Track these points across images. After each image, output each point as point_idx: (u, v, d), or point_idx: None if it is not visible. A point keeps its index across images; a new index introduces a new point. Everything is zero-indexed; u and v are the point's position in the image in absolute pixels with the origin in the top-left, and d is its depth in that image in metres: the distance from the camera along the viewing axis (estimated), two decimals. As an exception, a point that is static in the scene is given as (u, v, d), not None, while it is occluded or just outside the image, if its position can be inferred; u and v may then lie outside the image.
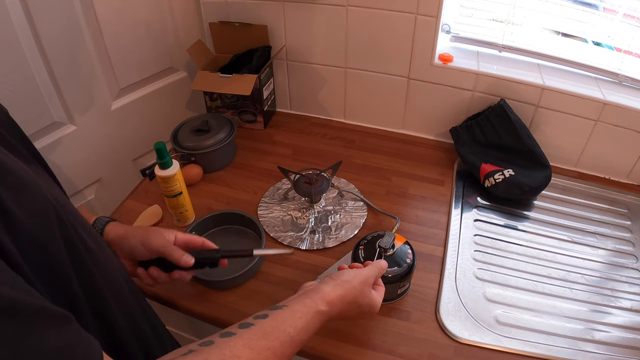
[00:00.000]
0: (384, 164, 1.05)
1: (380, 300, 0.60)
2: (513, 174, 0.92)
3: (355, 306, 0.57)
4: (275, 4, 1.04)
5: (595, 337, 0.72)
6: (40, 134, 0.92)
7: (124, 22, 0.98)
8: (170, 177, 0.81)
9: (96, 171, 1.08)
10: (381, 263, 0.64)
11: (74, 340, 0.32)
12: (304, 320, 0.50)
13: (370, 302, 0.58)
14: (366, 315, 0.59)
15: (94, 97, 1.00)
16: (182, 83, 1.18)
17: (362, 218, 0.90)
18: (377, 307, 0.59)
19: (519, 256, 0.85)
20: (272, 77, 1.16)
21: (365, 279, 0.59)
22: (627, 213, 0.95)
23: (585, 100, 0.92)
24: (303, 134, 1.15)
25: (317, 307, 0.52)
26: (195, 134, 1.01)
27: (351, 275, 0.58)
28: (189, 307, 0.76)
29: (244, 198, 0.96)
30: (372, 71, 1.08)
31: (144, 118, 1.13)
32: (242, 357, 0.42)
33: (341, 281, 0.56)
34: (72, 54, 0.91)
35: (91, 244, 0.44)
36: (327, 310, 0.53)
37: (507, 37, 1.01)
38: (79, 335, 0.33)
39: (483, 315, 0.74)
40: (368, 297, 0.58)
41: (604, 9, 0.96)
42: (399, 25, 0.98)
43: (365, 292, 0.58)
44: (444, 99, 1.05)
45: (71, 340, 0.32)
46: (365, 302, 0.58)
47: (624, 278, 0.82)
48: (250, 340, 0.44)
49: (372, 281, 0.60)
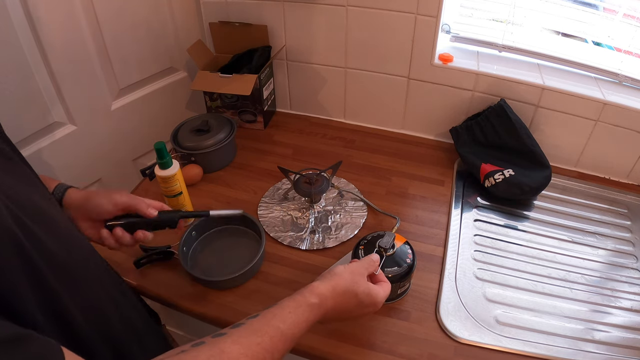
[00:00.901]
0: (384, 164, 1.05)
1: (384, 295, 0.60)
2: (513, 174, 0.92)
3: (351, 296, 0.56)
4: (275, 4, 1.04)
5: (595, 337, 0.72)
6: (40, 134, 0.92)
7: (124, 22, 0.98)
8: (170, 177, 0.81)
9: (96, 171, 1.08)
10: (371, 256, 0.64)
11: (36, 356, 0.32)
12: (294, 315, 0.50)
13: (367, 292, 0.57)
14: (368, 307, 0.58)
15: (94, 97, 1.00)
16: (182, 83, 1.18)
17: (362, 218, 0.90)
18: (378, 299, 0.58)
19: (519, 256, 0.85)
20: (272, 77, 1.16)
21: (354, 269, 0.59)
22: (627, 213, 0.95)
23: (585, 100, 0.92)
24: (303, 134, 1.15)
25: (307, 300, 0.52)
26: (195, 134, 1.01)
27: (340, 268, 0.59)
28: (189, 307, 0.76)
29: (244, 198, 0.96)
30: (372, 71, 1.08)
31: (144, 118, 1.13)
32: (232, 352, 0.42)
33: (330, 274, 0.57)
34: (72, 54, 0.91)
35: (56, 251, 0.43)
36: (318, 303, 0.52)
37: (507, 37, 1.01)
38: (39, 348, 0.33)
39: (483, 315, 0.74)
40: (363, 286, 0.57)
41: (604, 9, 0.96)
42: (399, 25, 0.98)
43: (358, 281, 0.57)
44: (444, 99, 1.05)
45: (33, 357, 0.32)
46: (360, 290, 0.57)
47: (624, 278, 0.82)
48: (240, 337, 0.44)
49: (362, 270, 0.60)
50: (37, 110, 0.90)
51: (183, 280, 0.79)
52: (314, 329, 0.70)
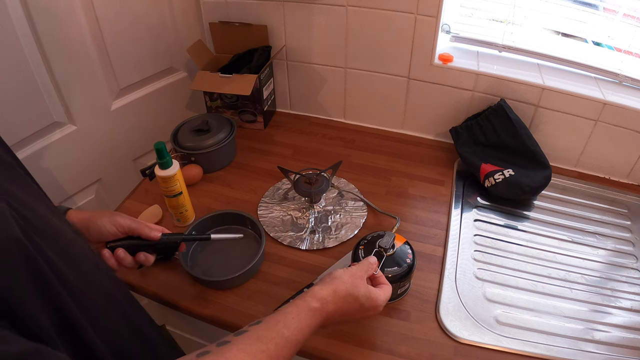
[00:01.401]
0: (384, 164, 1.05)
1: (384, 297, 0.60)
2: (513, 174, 0.92)
3: (352, 300, 0.56)
4: (275, 4, 1.04)
5: (595, 337, 0.72)
6: (40, 134, 0.93)
7: (124, 22, 0.98)
8: (170, 177, 0.81)
9: (96, 171, 1.08)
10: (369, 259, 0.64)
11: None
12: (297, 320, 0.50)
13: (368, 295, 0.58)
14: (369, 311, 0.59)
15: (94, 97, 1.00)
16: (182, 83, 1.18)
17: (362, 218, 0.90)
18: (378, 302, 0.59)
19: (519, 256, 0.85)
20: (272, 77, 1.16)
21: (353, 273, 0.59)
22: (627, 213, 0.95)
23: (585, 100, 0.92)
24: (303, 134, 1.15)
25: (309, 305, 0.52)
26: (195, 134, 1.01)
27: (339, 272, 0.59)
28: (189, 307, 0.76)
29: (244, 198, 0.96)
30: (372, 71, 1.08)
31: (144, 118, 1.13)
32: None
33: (330, 278, 0.57)
34: (72, 54, 0.91)
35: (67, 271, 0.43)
36: (320, 307, 0.53)
37: (507, 37, 1.01)
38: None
39: (483, 315, 0.74)
40: (363, 290, 0.58)
41: (604, 9, 0.96)
42: (399, 25, 0.98)
43: (357, 284, 0.58)
44: (444, 99, 1.05)
45: None
46: (361, 294, 0.57)
47: (624, 278, 0.82)
48: (245, 344, 0.44)
49: (361, 273, 0.60)
50: (37, 110, 0.90)
51: (183, 280, 0.79)
52: (314, 329, 0.70)
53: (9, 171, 0.47)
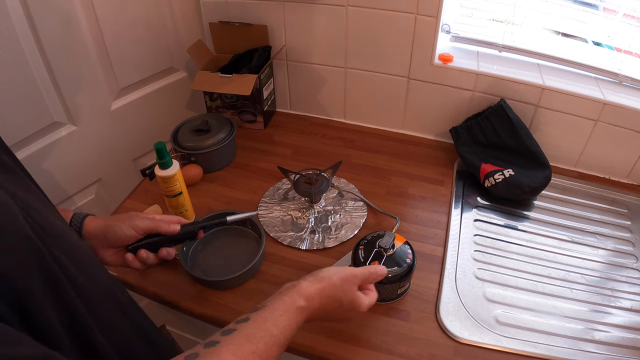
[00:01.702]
0: (384, 164, 1.05)
1: (367, 304, 0.59)
2: (513, 174, 0.92)
3: (334, 301, 0.56)
4: (275, 4, 1.04)
5: (595, 337, 0.72)
6: (40, 134, 0.92)
7: (123, 22, 0.98)
8: (170, 177, 0.81)
9: (96, 171, 1.08)
10: (378, 268, 0.63)
11: None
12: (285, 318, 0.49)
13: (352, 300, 0.57)
14: (348, 313, 0.58)
15: (94, 97, 1.00)
16: (182, 83, 1.18)
17: (362, 218, 0.90)
18: (360, 308, 0.58)
19: (519, 256, 0.85)
20: (272, 77, 1.16)
21: (347, 277, 0.58)
22: (627, 213, 0.95)
23: (585, 100, 0.92)
24: (303, 134, 1.15)
25: (296, 303, 0.52)
26: (195, 134, 1.01)
27: (331, 271, 0.58)
28: (189, 307, 0.76)
29: (244, 198, 0.96)
30: (372, 71, 1.08)
31: (143, 118, 1.13)
32: None
33: (320, 277, 0.56)
34: (72, 53, 0.91)
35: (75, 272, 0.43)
36: (307, 305, 0.52)
37: (507, 37, 1.01)
38: None
39: (483, 315, 0.74)
40: (350, 295, 0.57)
41: (604, 9, 0.96)
42: (399, 25, 0.98)
43: (347, 289, 0.57)
44: (444, 99, 1.05)
45: None
46: (346, 298, 0.57)
47: (624, 278, 0.82)
48: (235, 345, 0.44)
49: (356, 280, 0.59)
50: (37, 110, 0.90)
51: (183, 280, 0.79)
52: (314, 329, 0.70)
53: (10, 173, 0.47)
